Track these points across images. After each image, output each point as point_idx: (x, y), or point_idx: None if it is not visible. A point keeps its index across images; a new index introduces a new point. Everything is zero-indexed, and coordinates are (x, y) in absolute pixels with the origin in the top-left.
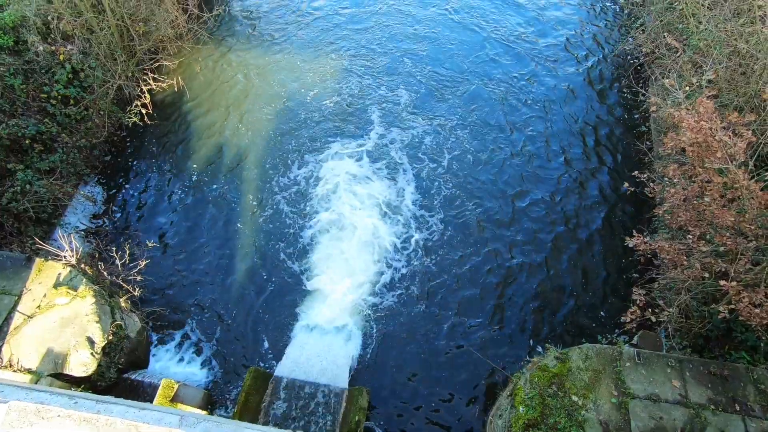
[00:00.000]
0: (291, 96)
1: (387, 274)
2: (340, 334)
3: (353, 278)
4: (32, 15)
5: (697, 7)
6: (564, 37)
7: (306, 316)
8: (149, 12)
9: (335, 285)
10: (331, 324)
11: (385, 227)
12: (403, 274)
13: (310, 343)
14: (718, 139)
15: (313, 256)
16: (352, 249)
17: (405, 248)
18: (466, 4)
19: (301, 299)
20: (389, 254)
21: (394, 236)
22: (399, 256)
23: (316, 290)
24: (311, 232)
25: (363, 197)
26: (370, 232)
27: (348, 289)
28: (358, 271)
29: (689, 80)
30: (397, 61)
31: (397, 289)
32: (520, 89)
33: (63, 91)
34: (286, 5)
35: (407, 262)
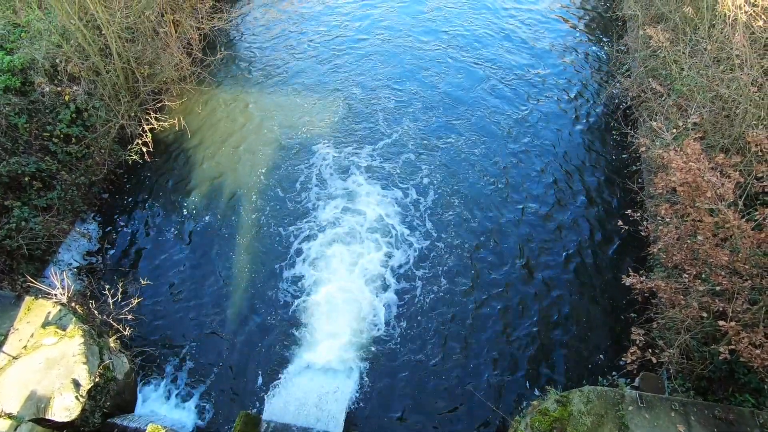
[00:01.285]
0: (289, 136)
1: (384, 315)
2: (335, 377)
3: (349, 319)
4: (41, 58)
5: (678, 54)
6: (555, 80)
7: (299, 358)
8: (155, 56)
9: (331, 326)
10: (325, 366)
11: (381, 263)
12: (399, 315)
13: (303, 386)
14: (707, 179)
15: (309, 297)
16: (349, 289)
17: (402, 289)
18: (458, 42)
19: (294, 340)
20: (386, 294)
21: (390, 273)
22: (396, 297)
23: (310, 331)
24: (306, 274)
25: (357, 236)
26: (364, 275)
27: (344, 331)
28: (354, 312)
29: (676, 123)
30: (391, 101)
31: (393, 330)
32: (512, 130)
33: (66, 130)
34: (287, 49)
35: (404, 303)
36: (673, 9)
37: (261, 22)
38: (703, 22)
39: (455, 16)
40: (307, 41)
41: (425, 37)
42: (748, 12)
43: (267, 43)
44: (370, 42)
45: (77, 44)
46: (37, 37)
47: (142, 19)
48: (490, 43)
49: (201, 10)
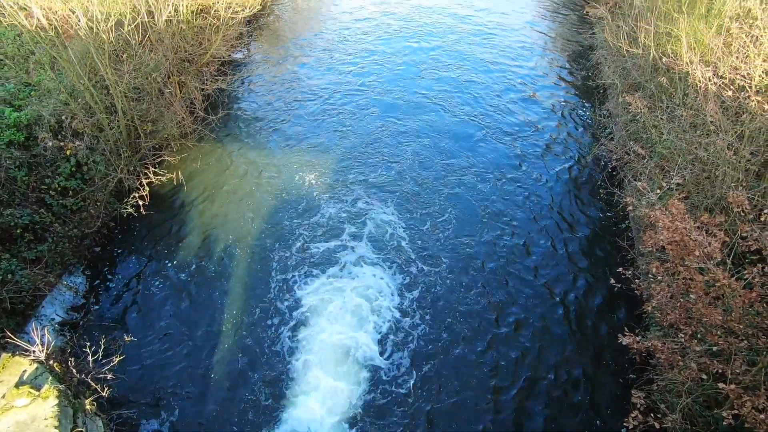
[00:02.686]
0: (284, 193)
1: (378, 373)
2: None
3: (343, 377)
4: (48, 114)
5: (657, 119)
6: (543, 142)
7: (292, 423)
8: (158, 114)
9: (325, 383)
10: (319, 429)
11: (378, 313)
12: (394, 375)
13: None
14: (694, 238)
15: (302, 356)
16: (342, 345)
17: (397, 347)
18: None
19: (287, 403)
20: (381, 349)
21: (385, 325)
22: (390, 355)
23: (304, 393)
24: (298, 331)
25: (350, 290)
26: (357, 332)
27: (338, 390)
28: (348, 370)
29: (659, 183)
30: (384, 158)
31: (387, 388)
32: (501, 187)
33: (64, 183)
34: (286, 108)
35: (399, 361)
36: (648, 79)
37: (262, 82)
38: (677, 91)
39: (448, 78)
40: (306, 100)
41: (419, 97)
42: (717, 83)
43: (266, 102)
44: (366, 102)
45: (84, 102)
46: (46, 95)
47: (149, 80)
48: (481, 103)
49: (206, 73)
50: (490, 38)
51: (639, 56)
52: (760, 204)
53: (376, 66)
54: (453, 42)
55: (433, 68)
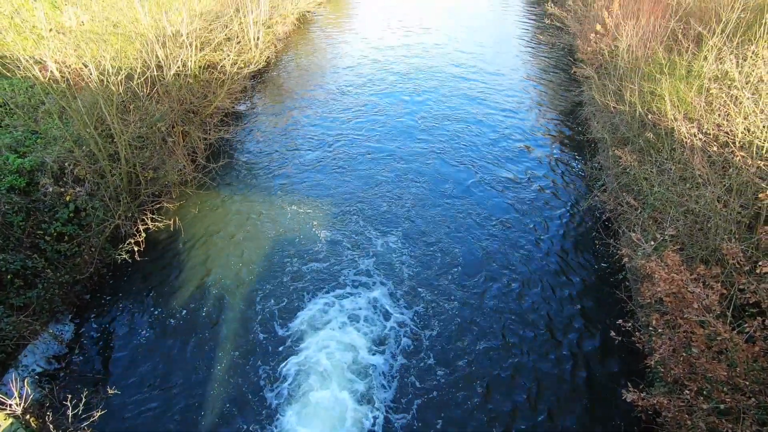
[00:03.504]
0: (283, 244)
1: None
2: None
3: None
4: (51, 161)
5: (647, 173)
6: (538, 194)
7: None
8: (160, 161)
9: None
10: None
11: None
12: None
13: None
14: (691, 290)
15: (293, 413)
16: (335, 404)
17: (390, 402)
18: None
19: None
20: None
21: (377, 369)
22: (384, 412)
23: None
24: (290, 386)
25: (344, 345)
26: (349, 386)
27: None
28: (341, 420)
29: (654, 235)
30: (381, 208)
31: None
32: (496, 236)
33: (60, 229)
34: (286, 159)
35: (393, 403)
36: (636, 134)
37: (263, 132)
38: (664, 146)
39: (445, 129)
40: (305, 149)
41: (416, 147)
42: (702, 139)
43: (267, 151)
44: (364, 151)
45: (88, 150)
46: (52, 142)
47: (154, 130)
48: (477, 153)
49: (209, 123)
50: (484, 93)
51: (626, 113)
52: (754, 256)
53: (374, 117)
54: (449, 96)
55: (430, 120)
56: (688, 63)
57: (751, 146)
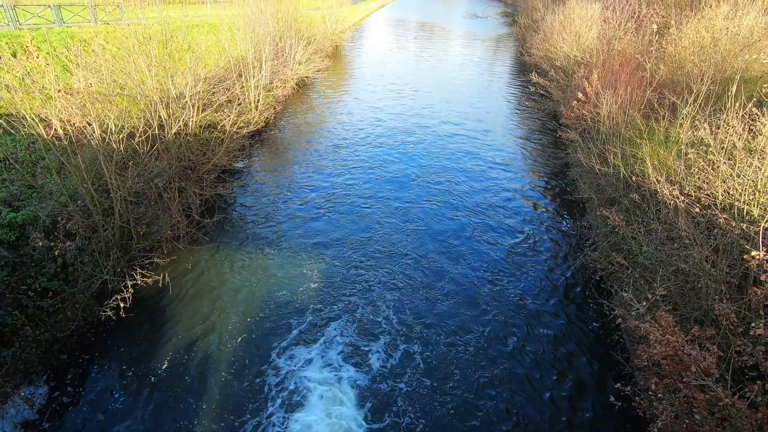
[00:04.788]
0: (275, 303)
1: None
2: None
3: None
4: (44, 215)
5: (635, 232)
6: (529, 251)
7: None
8: (155, 217)
9: None
10: None
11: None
12: None
13: None
14: (687, 352)
15: None
16: None
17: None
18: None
19: None
20: None
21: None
22: None
23: None
24: None
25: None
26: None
27: None
28: None
29: (645, 294)
30: (374, 272)
31: None
32: (490, 300)
33: (45, 284)
34: (280, 216)
35: None
36: (622, 194)
37: (259, 189)
38: (649, 207)
39: (437, 186)
40: (300, 207)
41: (409, 202)
42: (684, 200)
43: (262, 208)
44: (359, 207)
45: (83, 204)
46: (47, 197)
47: (151, 186)
48: (468, 209)
49: (206, 179)
50: (474, 152)
51: (611, 174)
52: (747, 317)
53: (368, 173)
54: (440, 154)
55: (421, 176)
56: (665, 129)
57: (732, 208)
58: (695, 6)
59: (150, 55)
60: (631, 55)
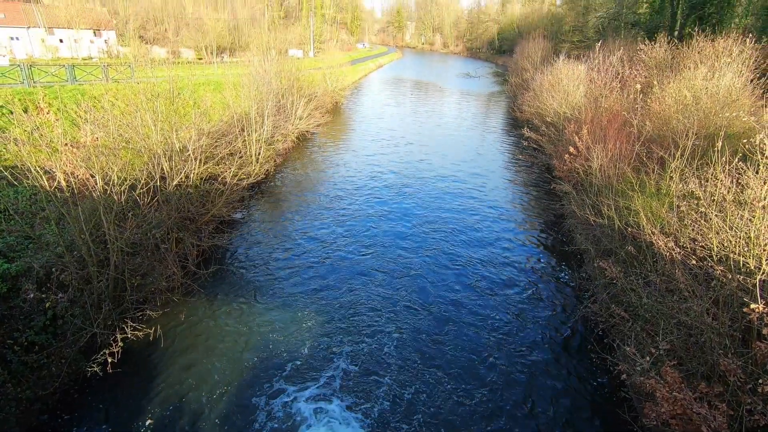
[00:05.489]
0: (270, 358)
1: None
2: None
3: None
4: (38, 266)
5: (633, 284)
6: (529, 304)
7: None
8: (150, 268)
9: None
10: None
11: None
12: None
13: None
14: (696, 411)
15: None
16: None
17: None
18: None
19: None
20: None
21: None
22: None
23: None
24: None
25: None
26: None
27: None
28: None
29: (649, 349)
30: (370, 331)
31: None
32: (491, 356)
33: (33, 338)
34: (277, 267)
35: None
36: (618, 246)
37: (257, 241)
38: (646, 258)
39: (434, 237)
40: (297, 259)
41: (407, 252)
42: (680, 252)
43: (259, 260)
44: (356, 263)
45: (79, 255)
46: (44, 248)
47: (148, 237)
48: (465, 261)
49: (204, 230)
50: (470, 203)
51: (605, 226)
52: (755, 372)
53: (367, 224)
54: (436, 205)
55: (418, 226)
56: (656, 182)
57: (728, 260)
58: (674, 68)
59: (157, 111)
60: (618, 111)
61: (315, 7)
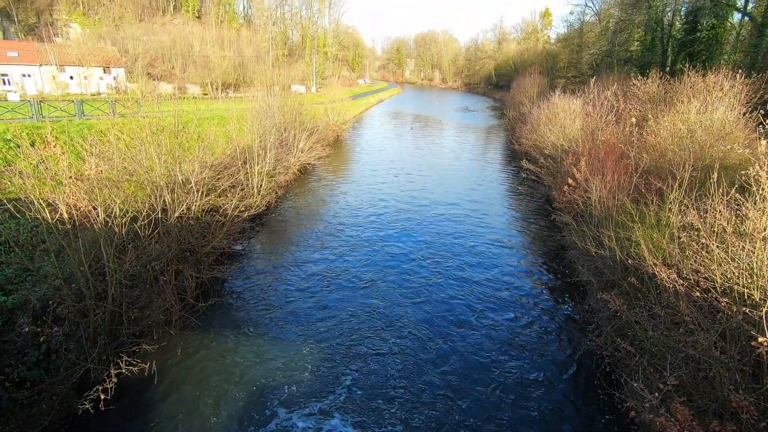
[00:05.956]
0: (264, 397)
1: None
2: None
3: None
4: (35, 299)
5: (638, 316)
6: (533, 338)
7: None
8: (148, 300)
9: None
10: None
11: None
12: None
13: None
14: None
15: None
16: None
17: None
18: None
19: None
20: None
21: None
22: None
23: None
24: None
25: None
26: None
27: None
28: None
29: (657, 384)
30: (378, 349)
31: None
32: (496, 393)
33: (25, 373)
34: (276, 301)
35: None
36: (620, 277)
37: (256, 273)
38: (649, 290)
39: (435, 266)
40: (297, 293)
41: (409, 284)
42: (683, 284)
43: (258, 293)
44: (355, 291)
45: (77, 288)
46: (42, 280)
47: (147, 269)
48: (467, 292)
49: (204, 262)
50: (471, 234)
51: (607, 257)
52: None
53: (368, 255)
54: (437, 235)
55: (421, 260)
56: (655, 213)
57: (732, 292)
58: (668, 102)
59: (161, 144)
60: (615, 144)
61: (318, 45)
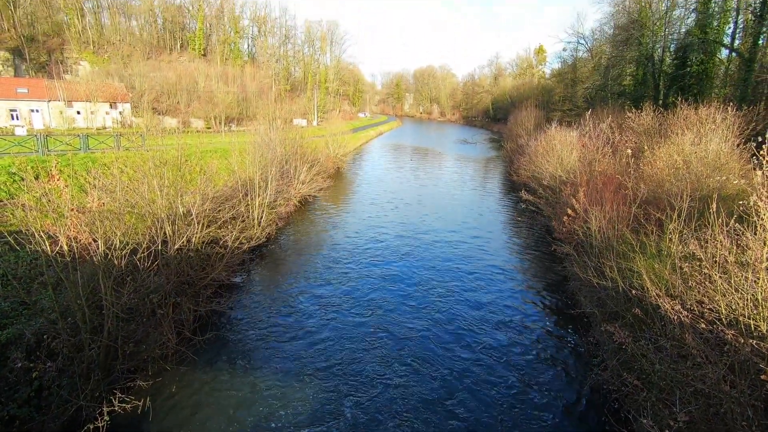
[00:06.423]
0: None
1: None
2: None
3: None
4: (30, 333)
5: (643, 349)
6: (538, 372)
7: None
8: (145, 334)
9: None
10: None
11: None
12: None
13: None
14: None
15: None
16: None
17: None
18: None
19: None
20: None
21: None
22: None
23: None
24: None
25: None
26: None
27: None
28: None
29: (667, 421)
30: (377, 387)
31: None
32: (500, 422)
33: (14, 412)
34: (274, 335)
35: None
36: (624, 308)
37: (255, 306)
38: (654, 322)
39: (436, 298)
40: (296, 324)
41: (410, 316)
42: (688, 315)
43: (257, 327)
44: (356, 326)
45: (72, 322)
46: (38, 314)
47: (145, 302)
48: (468, 325)
49: (202, 295)
50: (473, 267)
51: (609, 288)
52: None
53: (368, 287)
54: (437, 266)
55: (422, 290)
56: (656, 243)
57: (738, 323)
58: (662, 133)
59: (164, 176)
60: (612, 174)
61: (319, 81)
